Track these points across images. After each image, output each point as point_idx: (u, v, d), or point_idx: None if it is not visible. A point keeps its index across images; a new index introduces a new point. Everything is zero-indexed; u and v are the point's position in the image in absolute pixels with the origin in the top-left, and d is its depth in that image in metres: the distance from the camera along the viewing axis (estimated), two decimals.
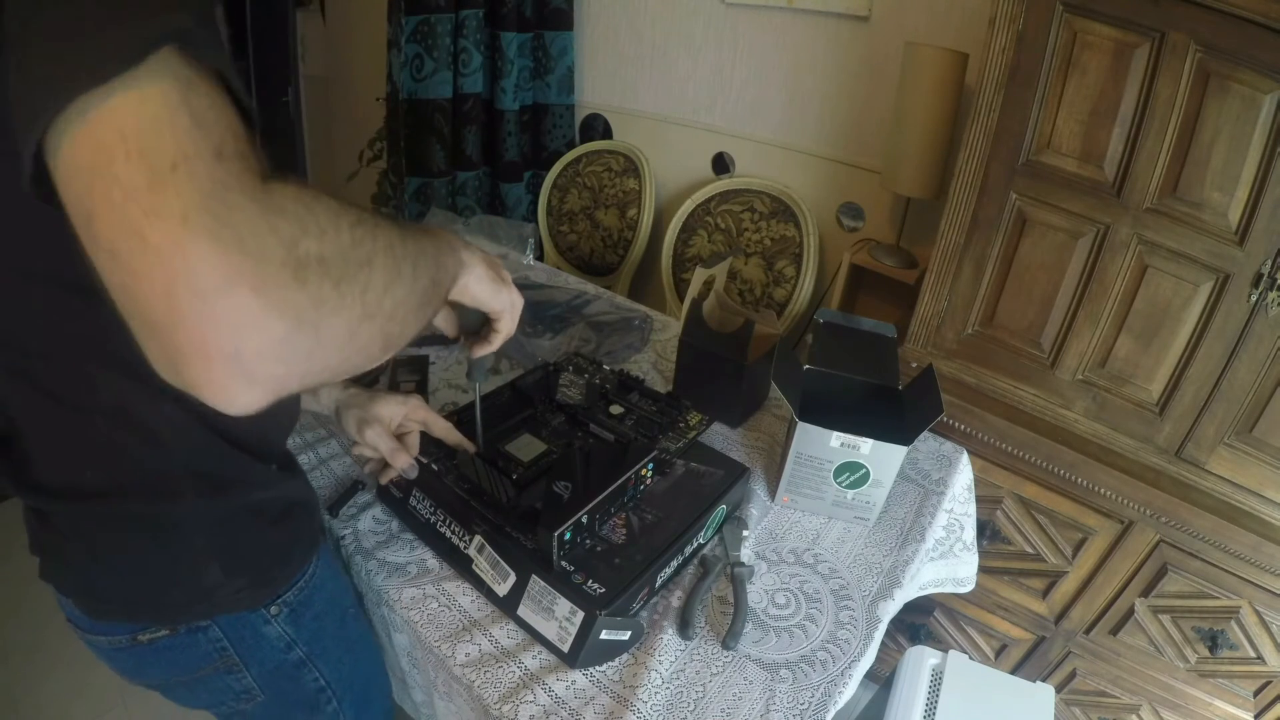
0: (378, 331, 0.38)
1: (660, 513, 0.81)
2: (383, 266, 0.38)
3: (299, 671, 0.70)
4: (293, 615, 0.66)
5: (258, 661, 0.66)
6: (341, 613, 0.74)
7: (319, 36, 3.09)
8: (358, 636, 0.78)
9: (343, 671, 0.74)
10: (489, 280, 0.59)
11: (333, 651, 0.72)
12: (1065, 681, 1.32)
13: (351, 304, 0.35)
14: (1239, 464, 1.04)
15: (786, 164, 1.87)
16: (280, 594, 0.65)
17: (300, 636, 0.68)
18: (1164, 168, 0.97)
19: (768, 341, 1.06)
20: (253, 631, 0.64)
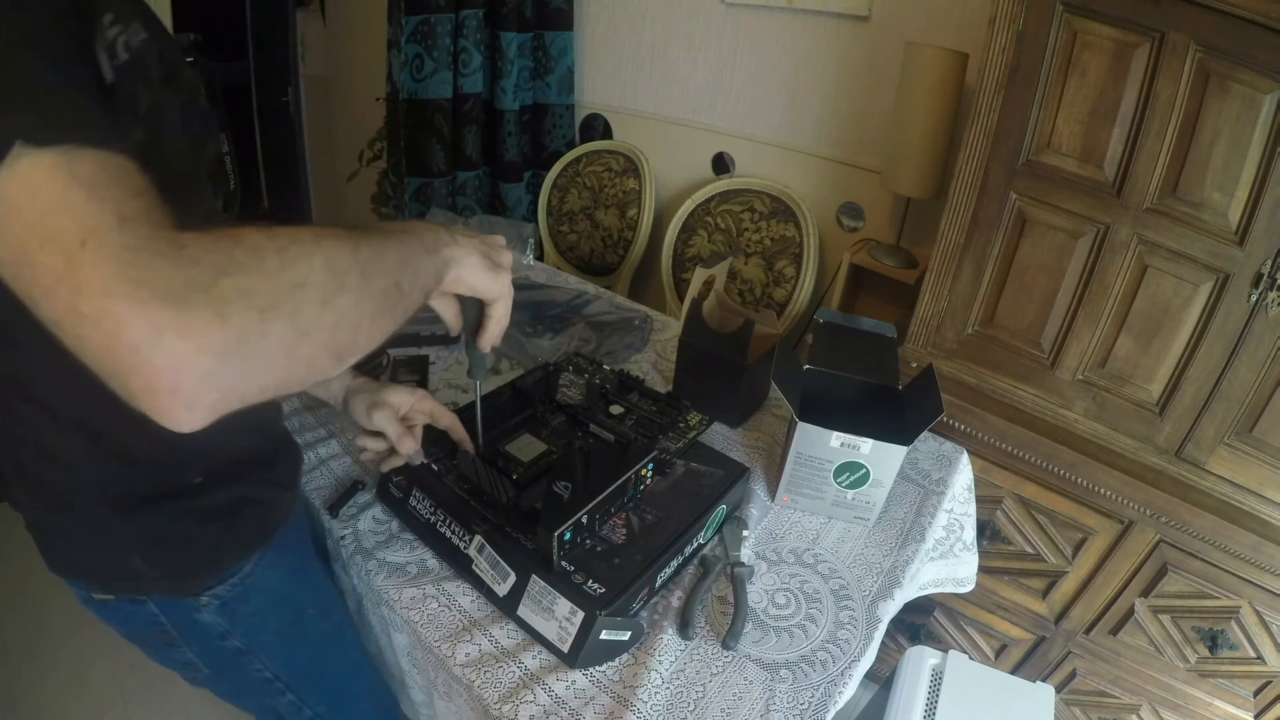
0: (320, 346, 0.40)
1: (660, 513, 0.81)
2: (319, 284, 0.40)
3: (241, 660, 0.73)
4: (224, 608, 0.69)
5: (196, 641, 0.70)
6: (296, 612, 0.76)
7: (319, 36, 3.10)
8: (321, 636, 0.79)
9: (296, 668, 0.77)
10: (484, 269, 0.59)
11: (278, 648, 0.75)
12: (1065, 681, 1.32)
13: (281, 328, 0.37)
14: (1239, 464, 1.04)
15: (786, 164, 1.87)
16: (209, 587, 0.67)
17: (235, 629, 0.70)
18: (1164, 168, 0.97)
19: (768, 341, 1.06)
20: (186, 615, 0.68)
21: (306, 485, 0.91)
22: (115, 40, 0.47)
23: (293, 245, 0.39)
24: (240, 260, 0.36)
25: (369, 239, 0.46)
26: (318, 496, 0.90)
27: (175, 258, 0.34)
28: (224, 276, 0.35)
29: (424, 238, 0.53)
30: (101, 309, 0.32)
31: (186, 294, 0.33)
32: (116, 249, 0.33)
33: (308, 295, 0.39)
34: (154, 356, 0.33)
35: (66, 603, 0.73)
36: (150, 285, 0.33)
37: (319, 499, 0.89)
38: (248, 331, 0.35)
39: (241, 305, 0.35)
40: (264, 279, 0.37)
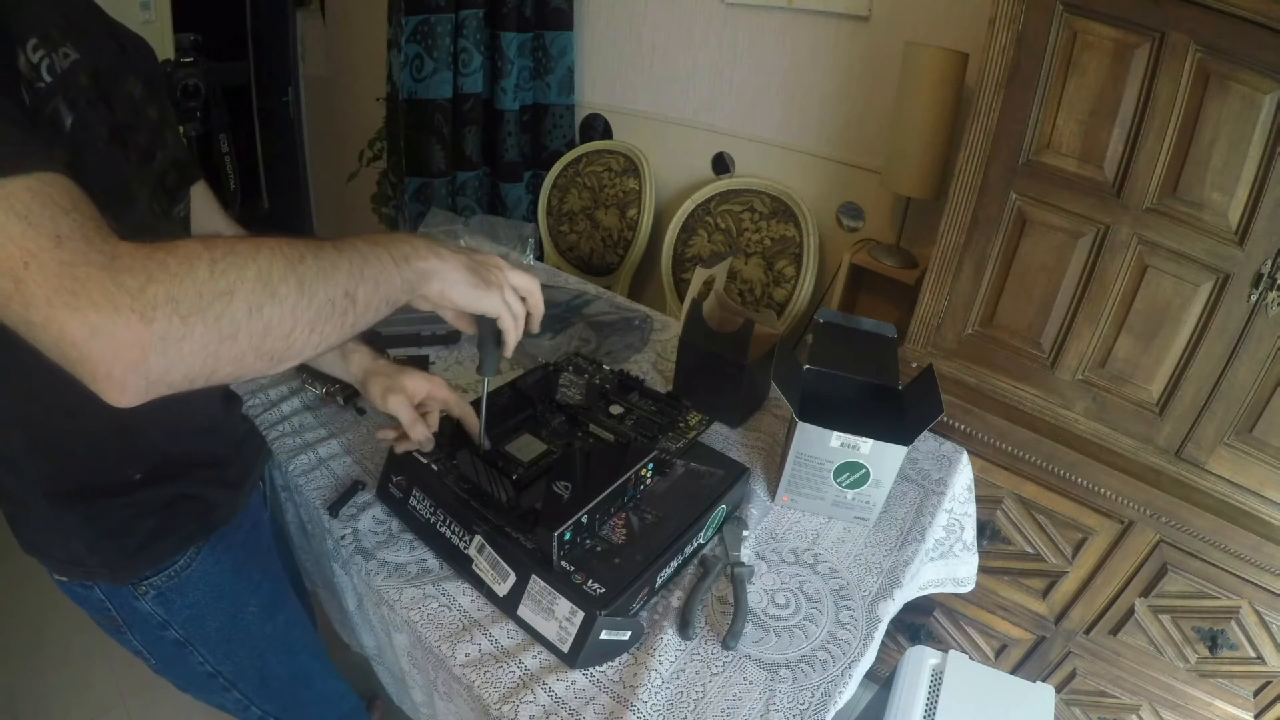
0: (247, 348, 0.44)
1: (660, 513, 0.81)
2: (246, 292, 0.43)
3: (181, 651, 0.76)
4: (161, 598, 0.72)
5: (139, 630, 0.73)
6: (235, 609, 0.78)
7: (319, 36, 3.10)
8: (267, 636, 0.82)
9: (240, 666, 0.80)
10: (468, 285, 0.59)
11: (219, 643, 0.78)
12: (1065, 681, 1.32)
13: (203, 331, 0.41)
14: (1239, 464, 1.04)
15: (786, 164, 1.86)
16: (146, 577, 0.71)
17: (174, 619, 0.74)
18: (1164, 168, 0.97)
19: (768, 341, 1.06)
20: (127, 603, 0.72)
21: (306, 485, 0.92)
22: (39, 65, 0.51)
23: (228, 256, 0.43)
24: (172, 269, 0.41)
25: (321, 253, 0.48)
26: (318, 496, 0.90)
27: (108, 267, 0.39)
28: (152, 283, 0.40)
29: (397, 250, 0.55)
30: (46, 317, 0.38)
31: (116, 298, 0.39)
32: (55, 267, 0.38)
33: (234, 302, 0.42)
34: (91, 350, 0.39)
35: (66, 603, 0.73)
36: (84, 294, 0.38)
37: (319, 499, 0.89)
38: (169, 332, 0.40)
39: (166, 310, 0.40)
40: (190, 286, 0.41)
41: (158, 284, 0.40)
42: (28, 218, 0.39)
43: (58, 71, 0.52)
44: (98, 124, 0.57)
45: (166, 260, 0.41)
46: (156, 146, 0.65)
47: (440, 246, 0.59)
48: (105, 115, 0.58)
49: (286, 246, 0.46)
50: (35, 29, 0.51)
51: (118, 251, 0.40)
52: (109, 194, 0.57)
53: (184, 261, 0.41)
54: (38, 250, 0.38)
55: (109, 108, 0.58)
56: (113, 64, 0.59)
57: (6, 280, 0.38)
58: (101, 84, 0.57)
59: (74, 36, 0.54)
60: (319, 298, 0.47)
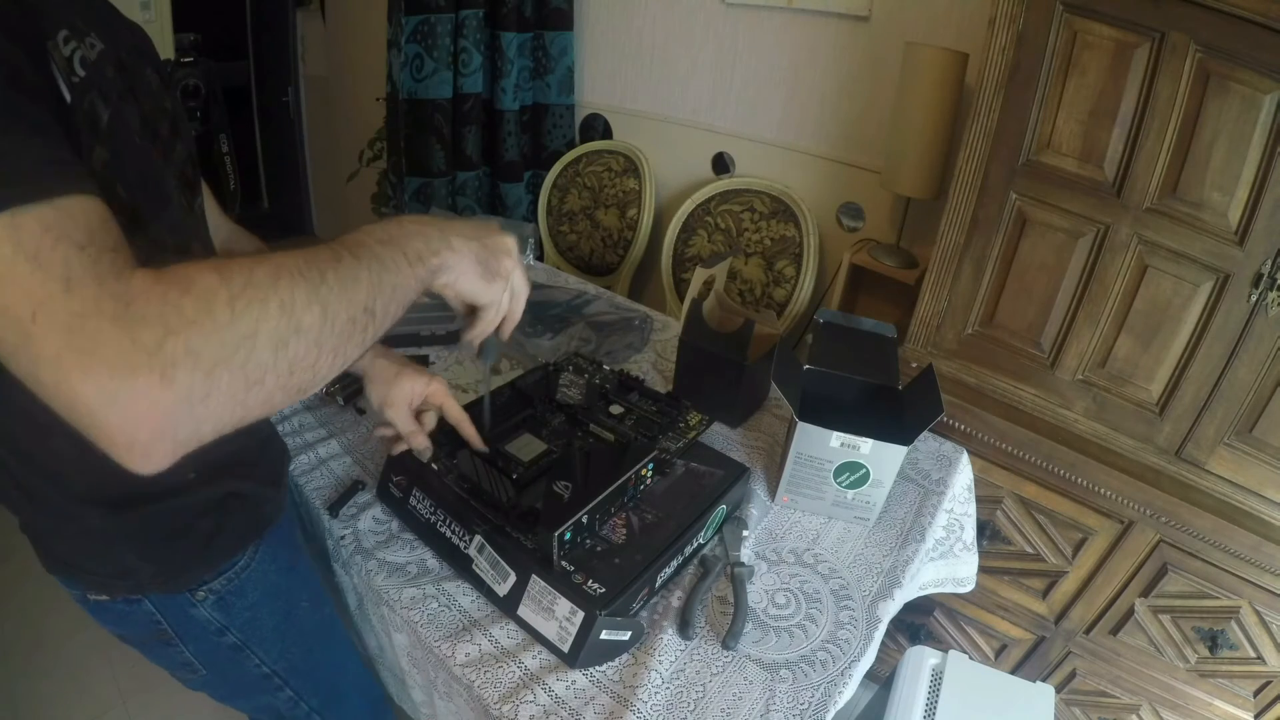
0: (275, 389, 0.41)
1: (660, 513, 0.81)
2: (271, 330, 0.40)
3: (238, 655, 0.73)
4: (220, 603, 0.69)
5: (193, 639, 0.70)
6: (288, 606, 0.76)
7: (319, 36, 3.10)
8: (313, 628, 0.80)
9: (292, 661, 0.78)
10: (476, 276, 0.58)
11: (274, 641, 0.75)
12: (1065, 681, 1.32)
13: (229, 382, 0.38)
14: (1239, 464, 1.04)
15: (786, 164, 1.86)
16: (205, 581, 0.68)
17: (232, 623, 0.71)
18: (1164, 168, 0.97)
19: (768, 341, 1.06)
20: (182, 612, 0.68)
21: (306, 485, 0.92)
22: (71, 58, 0.46)
23: (246, 291, 0.39)
24: (189, 314, 0.37)
25: (340, 267, 0.45)
26: (318, 496, 0.90)
27: (122, 318, 0.35)
28: (170, 336, 0.36)
29: (410, 247, 0.52)
30: (56, 379, 0.35)
31: (132, 358, 0.35)
32: (65, 318, 0.34)
33: (259, 344, 0.39)
34: (108, 417, 0.35)
35: (66, 603, 0.73)
36: (97, 353, 0.34)
37: (319, 499, 0.89)
38: (193, 391, 0.37)
39: (187, 365, 0.36)
40: (212, 334, 0.37)
41: (175, 335, 0.36)
42: (37, 257, 0.35)
43: (89, 63, 0.48)
44: (130, 117, 0.53)
45: (182, 303, 0.37)
46: (176, 138, 0.62)
47: (450, 233, 0.56)
48: (134, 108, 0.54)
49: (305, 266, 0.43)
50: (63, 19, 0.47)
51: (131, 294, 0.36)
52: (146, 192, 0.55)
53: (201, 303, 0.37)
54: (46, 298, 0.34)
55: (135, 99, 0.54)
56: (132, 53, 0.56)
57: (11, 331, 0.35)
58: (127, 75, 0.54)
59: (96, 25, 0.50)
60: (341, 319, 0.44)
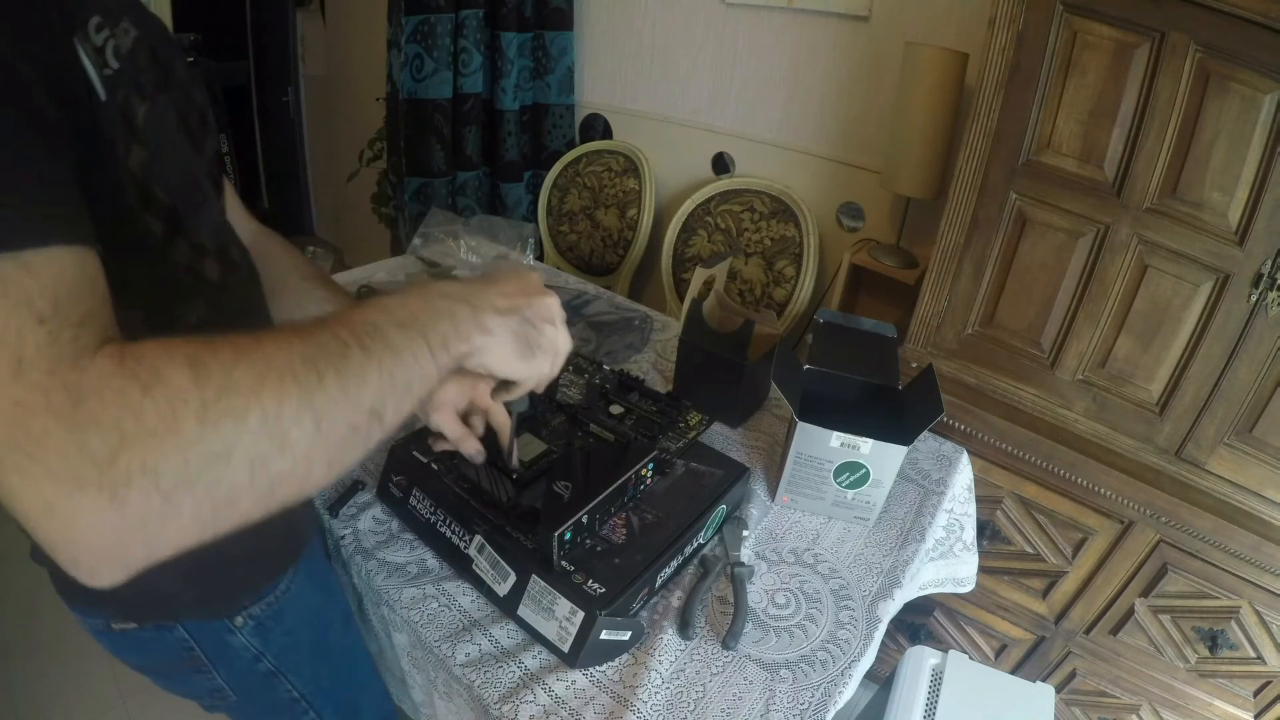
0: (252, 507, 0.35)
1: (660, 513, 0.81)
2: (248, 449, 0.33)
3: (271, 681, 0.70)
4: (259, 628, 0.66)
5: (226, 665, 0.66)
6: (323, 626, 0.74)
7: (319, 36, 3.10)
8: (342, 649, 0.77)
9: (320, 685, 0.74)
10: (514, 356, 0.51)
11: (306, 666, 0.72)
12: (1065, 681, 1.32)
13: (195, 505, 0.32)
14: (1239, 464, 1.04)
15: (786, 164, 1.86)
16: (245, 607, 0.64)
17: (269, 649, 0.67)
18: (1164, 168, 0.97)
19: (768, 341, 1.06)
20: (218, 639, 0.64)
21: None
22: (104, 48, 0.41)
23: (222, 398, 0.32)
24: (149, 422, 0.31)
25: (345, 363, 0.38)
26: (318, 496, 0.90)
27: (71, 419, 0.30)
28: (124, 450, 0.30)
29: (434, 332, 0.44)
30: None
31: (79, 470, 0.29)
32: (8, 409, 0.29)
33: (233, 465, 0.33)
34: (50, 532, 0.30)
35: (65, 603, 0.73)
36: (40, 459, 0.29)
37: (319, 499, 0.89)
38: (148, 515, 0.31)
39: (143, 486, 0.30)
40: (175, 453, 0.31)
41: (131, 450, 0.30)
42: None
43: (123, 53, 0.42)
44: (166, 111, 0.48)
45: (142, 406, 0.31)
46: (206, 133, 0.56)
47: (485, 307, 0.48)
48: (170, 100, 0.49)
49: (300, 365, 0.36)
50: (96, 3, 0.41)
51: (85, 389, 0.30)
52: (186, 193, 0.51)
53: (165, 409, 0.31)
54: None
55: (169, 91, 0.49)
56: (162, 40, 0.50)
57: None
58: (159, 64, 0.48)
59: (129, 8, 0.44)
60: (340, 429, 0.37)
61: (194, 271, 0.53)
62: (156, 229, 0.48)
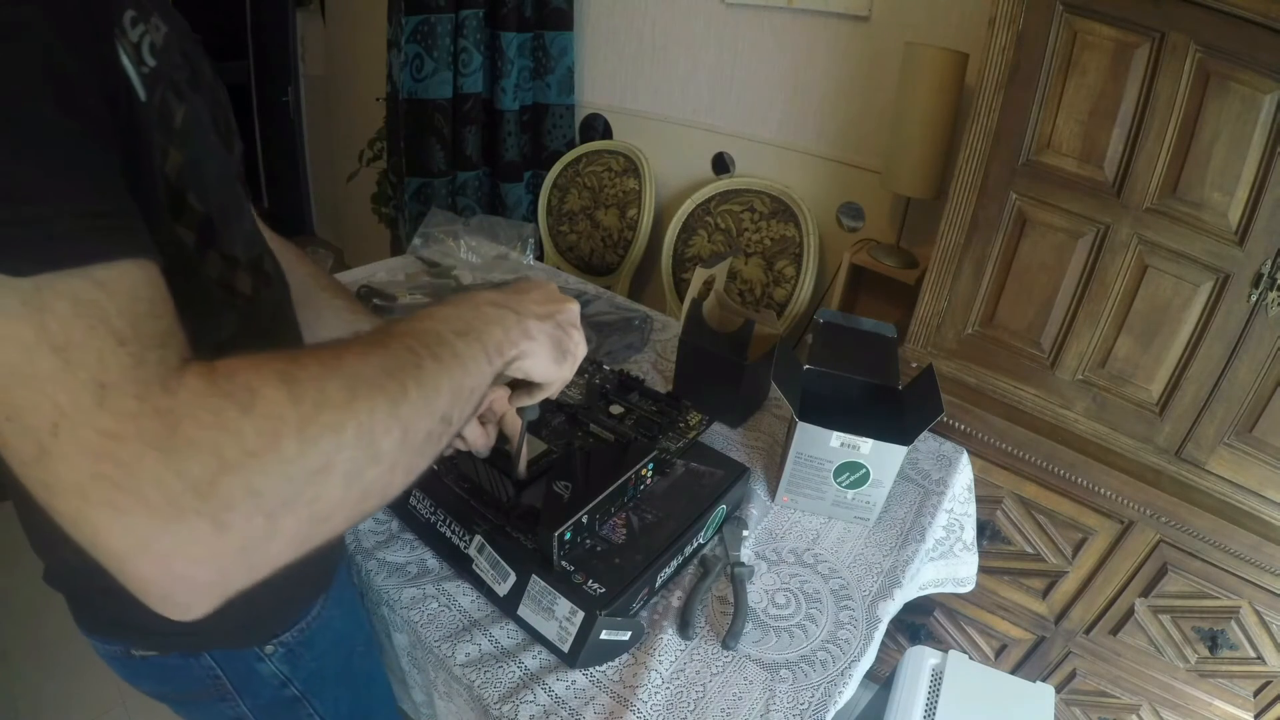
0: (341, 522, 0.34)
1: (660, 513, 0.81)
2: (346, 462, 0.33)
3: (294, 706, 0.69)
4: (289, 655, 0.65)
5: (252, 694, 0.65)
6: (348, 651, 0.73)
7: (319, 36, 3.10)
8: (363, 673, 0.76)
9: (340, 709, 0.73)
10: (550, 360, 0.53)
11: (331, 691, 0.71)
12: (1065, 681, 1.32)
13: (295, 524, 0.31)
14: (1239, 464, 1.04)
15: (786, 164, 1.87)
16: (277, 634, 0.63)
17: (296, 675, 0.66)
18: (1164, 168, 0.97)
19: (768, 341, 1.06)
20: (246, 667, 0.63)
21: None
22: (140, 44, 0.37)
23: (320, 414, 0.32)
24: (250, 444, 0.30)
25: (422, 374, 0.38)
26: None
27: (167, 445, 0.28)
28: (225, 474, 0.29)
29: (489, 338, 0.45)
30: (78, 512, 0.28)
31: (179, 499, 0.28)
32: (94, 440, 0.27)
33: (331, 480, 0.32)
34: (139, 567, 0.28)
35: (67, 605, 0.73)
36: (134, 490, 0.27)
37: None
38: (250, 538, 0.30)
39: (247, 509, 0.29)
40: (277, 473, 0.30)
41: (232, 473, 0.29)
42: (66, 350, 0.27)
43: (158, 50, 0.39)
44: (201, 112, 0.45)
45: (242, 428, 0.29)
46: (233, 136, 0.54)
47: (526, 314, 0.50)
48: (203, 100, 0.46)
49: (384, 377, 0.36)
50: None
51: (179, 413, 0.28)
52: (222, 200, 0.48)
53: (265, 428, 0.30)
54: (72, 409, 0.27)
55: (199, 92, 0.46)
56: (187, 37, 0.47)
57: (26, 441, 0.27)
58: (190, 63, 0.45)
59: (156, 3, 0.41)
60: (419, 437, 0.37)
61: (226, 285, 0.50)
62: (189, 240, 0.46)
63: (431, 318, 0.44)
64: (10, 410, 0.27)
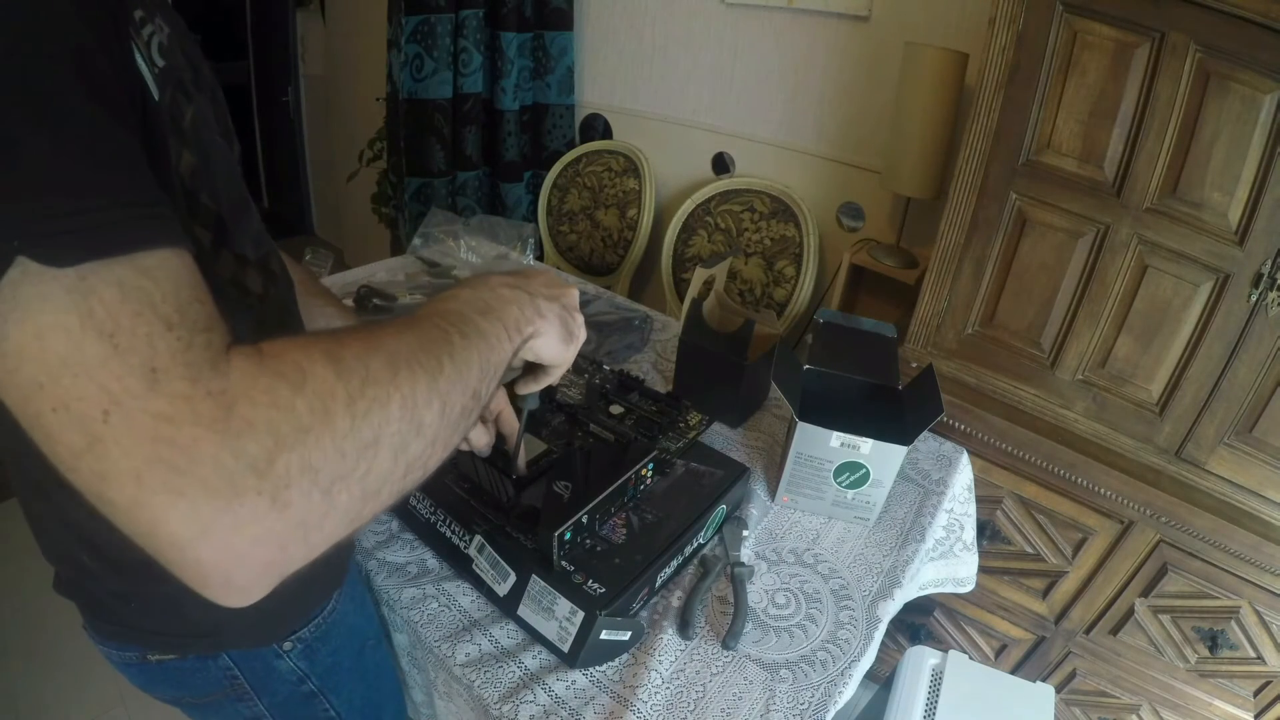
0: (389, 496, 0.35)
1: (660, 513, 0.81)
2: (394, 435, 0.34)
3: (310, 702, 0.69)
4: (307, 651, 0.65)
5: (269, 692, 0.65)
6: (360, 645, 0.73)
7: (319, 36, 3.10)
8: (375, 666, 0.77)
9: (354, 703, 0.74)
10: (559, 340, 0.55)
11: (346, 684, 0.71)
12: (1065, 681, 1.32)
13: (349, 499, 0.32)
14: (1239, 464, 1.04)
15: (786, 164, 1.87)
16: (295, 631, 0.63)
17: (314, 671, 0.66)
18: (1164, 168, 0.97)
19: (768, 341, 1.06)
20: (264, 665, 0.63)
21: None
22: (150, 42, 0.37)
23: (367, 389, 0.33)
24: (304, 421, 0.30)
25: (452, 348, 0.39)
26: None
27: (222, 426, 0.28)
28: (283, 451, 0.29)
29: (508, 316, 0.47)
30: (134, 501, 0.27)
31: (237, 479, 0.28)
32: (149, 424, 0.27)
33: (380, 453, 0.33)
34: (201, 554, 0.28)
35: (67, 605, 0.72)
36: (192, 472, 0.27)
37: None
38: (310, 514, 0.30)
39: (304, 485, 0.30)
40: (331, 448, 0.31)
41: (289, 451, 0.29)
42: (115, 336, 0.27)
43: (165, 50, 0.39)
44: (207, 112, 0.46)
45: (294, 405, 0.30)
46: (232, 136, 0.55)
47: (536, 295, 0.52)
48: (207, 100, 0.47)
49: (421, 354, 0.37)
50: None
51: (233, 394, 0.29)
52: (231, 199, 0.48)
53: (317, 404, 0.31)
54: (123, 394, 0.27)
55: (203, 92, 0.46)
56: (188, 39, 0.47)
57: (75, 433, 0.27)
58: (193, 62, 0.45)
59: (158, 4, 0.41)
60: (456, 410, 0.39)
61: (238, 284, 0.51)
62: (205, 240, 0.46)
63: (454, 299, 0.45)
64: (57, 400, 0.27)
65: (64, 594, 0.60)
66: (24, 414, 0.28)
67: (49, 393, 0.27)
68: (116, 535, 0.44)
